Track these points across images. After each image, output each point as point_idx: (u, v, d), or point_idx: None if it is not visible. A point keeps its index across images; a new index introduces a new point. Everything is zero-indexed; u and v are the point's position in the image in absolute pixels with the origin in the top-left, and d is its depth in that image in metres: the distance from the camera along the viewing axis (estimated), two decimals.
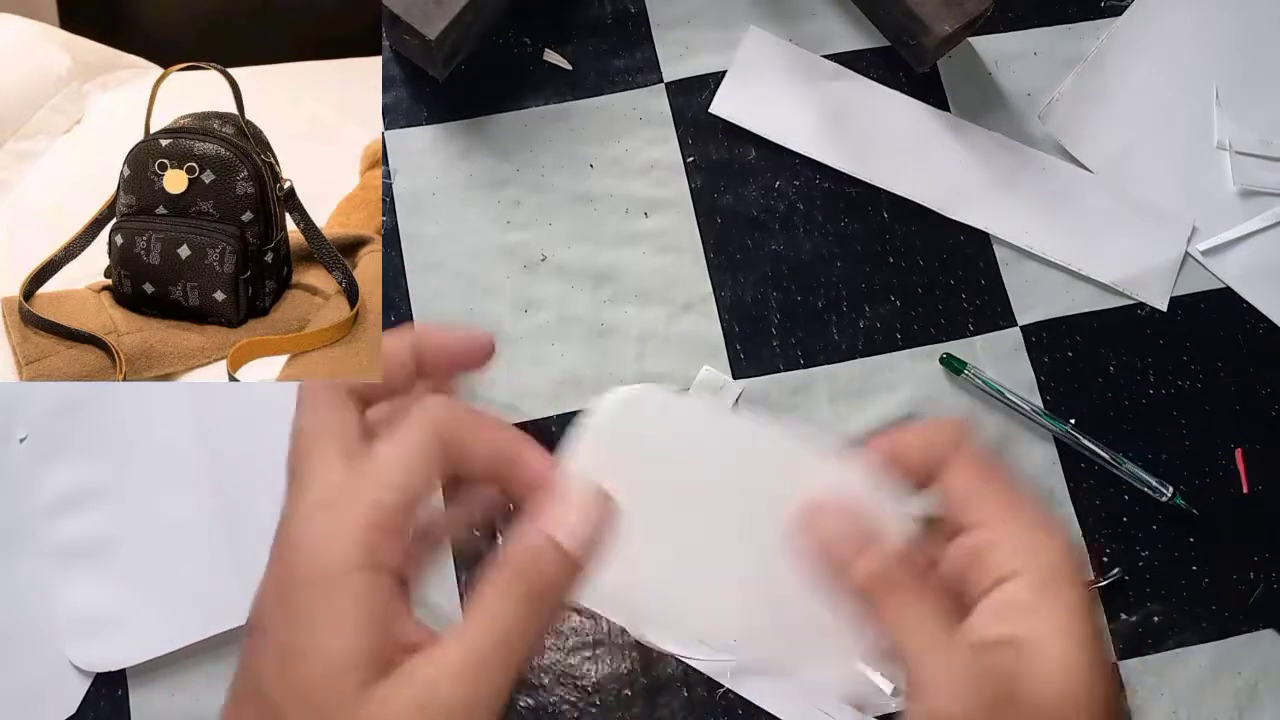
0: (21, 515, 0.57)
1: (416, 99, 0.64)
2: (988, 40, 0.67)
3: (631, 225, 0.63)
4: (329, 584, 0.28)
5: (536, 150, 0.64)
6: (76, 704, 0.54)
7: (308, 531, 0.30)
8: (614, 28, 0.66)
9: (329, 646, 0.28)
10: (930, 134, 0.65)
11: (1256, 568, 0.60)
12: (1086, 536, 0.59)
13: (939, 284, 0.63)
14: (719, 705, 0.56)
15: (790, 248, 0.63)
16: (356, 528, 0.29)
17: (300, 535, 0.30)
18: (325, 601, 0.28)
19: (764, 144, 0.64)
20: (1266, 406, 0.62)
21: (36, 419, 0.58)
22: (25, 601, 0.55)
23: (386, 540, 0.29)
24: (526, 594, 0.30)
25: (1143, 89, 0.66)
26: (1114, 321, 0.63)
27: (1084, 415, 0.61)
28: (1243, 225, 0.64)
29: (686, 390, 0.60)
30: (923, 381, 0.61)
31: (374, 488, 0.30)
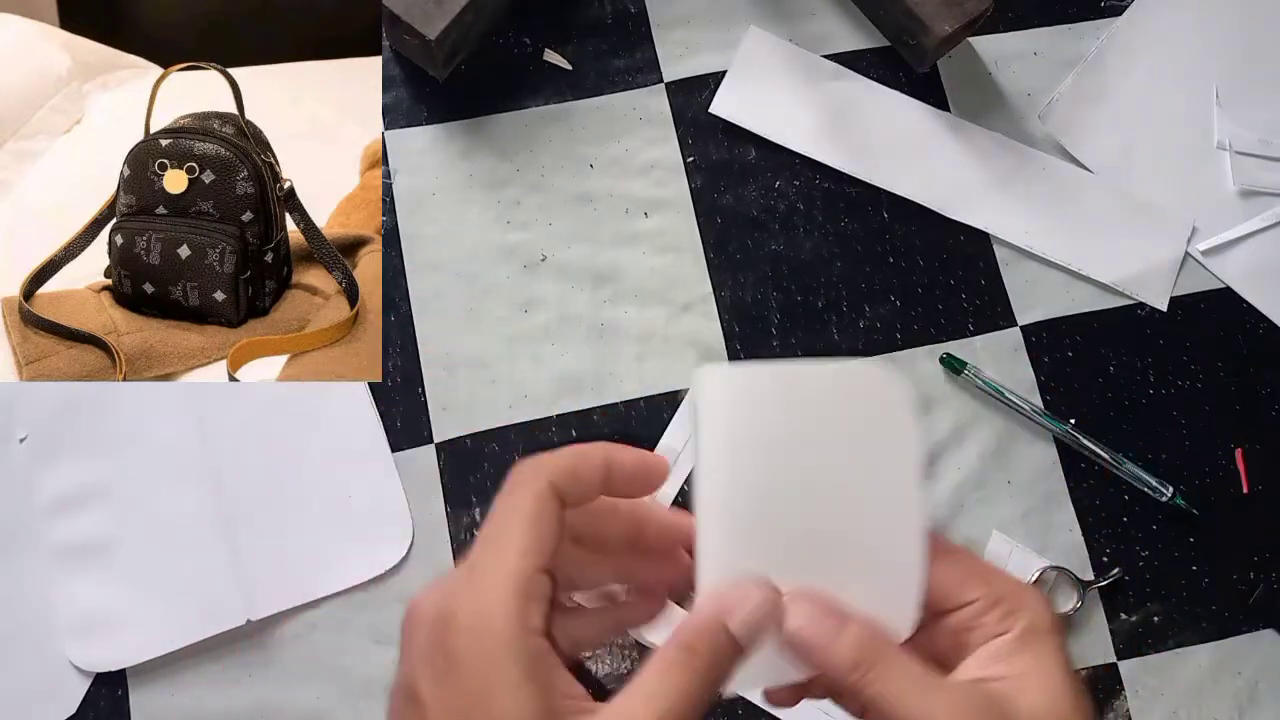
0: (21, 515, 0.57)
1: (416, 99, 0.64)
2: (988, 40, 0.67)
3: (631, 225, 0.63)
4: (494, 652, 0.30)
5: (536, 150, 0.64)
6: (76, 704, 0.54)
7: (464, 606, 0.31)
8: (614, 28, 0.66)
9: (504, 708, 0.29)
10: (930, 134, 0.65)
11: (1256, 568, 0.59)
12: (1086, 536, 0.59)
13: (939, 284, 0.63)
14: (719, 705, 0.56)
15: (790, 248, 0.63)
16: (508, 595, 0.30)
17: (458, 608, 0.31)
18: (495, 667, 0.29)
19: (764, 144, 0.64)
20: (1266, 406, 0.62)
21: (36, 419, 0.58)
22: (25, 601, 0.55)
23: (533, 605, 0.31)
24: (695, 672, 0.30)
25: (1143, 89, 0.66)
26: (1114, 321, 0.63)
27: (1084, 415, 0.61)
28: (1243, 225, 0.64)
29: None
30: (923, 381, 0.61)
31: (512, 557, 0.31)
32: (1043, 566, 0.58)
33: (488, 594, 0.30)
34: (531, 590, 0.30)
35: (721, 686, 0.32)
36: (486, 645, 0.30)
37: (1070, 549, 0.59)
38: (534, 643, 0.30)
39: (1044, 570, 0.58)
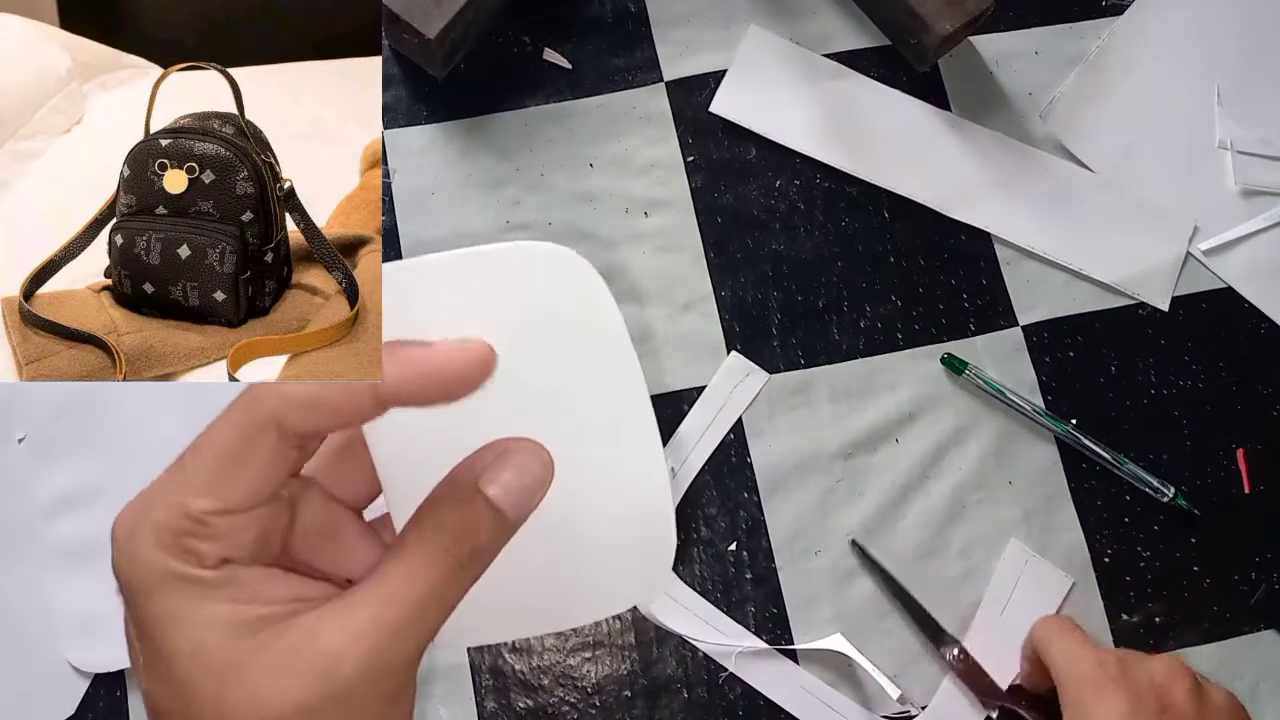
0: (21, 515, 0.57)
1: (416, 98, 0.64)
2: (989, 39, 0.66)
3: (631, 225, 0.63)
4: (149, 591, 0.27)
5: (536, 150, 0.64)
6: (75, 705, 0.54)
7: (121, 551, 0.27)
8: (614, 27, 0.66)
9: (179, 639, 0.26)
10: (931, 133, 0.64)
11: (1258, 568, 0.59)
12: (1088, 537, 0.59)
13: (940, 284, 0.63)
14: (719, 706, 0.56)
15: (791, 247, 0.63)
16: (153, 536, 0.27)
17: (118, 556, 0.28)
18: (160, 606, 0.27)
19: (764, 143, 0.64)
20: (1268, 406, 0.62)
21: (36, 419, 0.58)
22: (24, 602, 0.55)
23: (197, 542, 0.27)
24: (460, 555, 0.27)
25: (1144, 88, 0.66)
26: (1115, 321, 0.63)
27: (1085, 415, 0.61)
28: (1244, 225, 0.64)
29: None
30: (924, 381, 0.61)
31: (176, 491, 0.27)
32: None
33: (139, 521, 0.27)
34: (187, 528, 0.27)
35: (477, 576, 0.28)
36: (141, 577, 0.27)
37: (1071, 549, 0.59)
38: (195, 574, 0.26)
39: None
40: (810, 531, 0.58)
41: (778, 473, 0.59)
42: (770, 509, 0.59)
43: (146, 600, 0.27)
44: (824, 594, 0.58)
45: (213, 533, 0.27)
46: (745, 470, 0.59)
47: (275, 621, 0.27)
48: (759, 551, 0.58)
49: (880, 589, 0.58)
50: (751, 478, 0.59)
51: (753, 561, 0.58)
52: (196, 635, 0.26)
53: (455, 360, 0.28)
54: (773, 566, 0.58)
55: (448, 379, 0.28)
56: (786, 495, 0.59)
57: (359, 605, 0.27)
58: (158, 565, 0.26)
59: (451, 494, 0.28)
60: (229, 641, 0.26)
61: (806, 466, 0.59)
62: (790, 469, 0.59)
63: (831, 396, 0.60)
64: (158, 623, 0.27)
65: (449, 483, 0.28)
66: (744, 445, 0.59)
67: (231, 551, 0.27)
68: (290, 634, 0.26)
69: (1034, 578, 0.58)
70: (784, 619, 0.57)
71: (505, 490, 0.28)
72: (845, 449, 0.60)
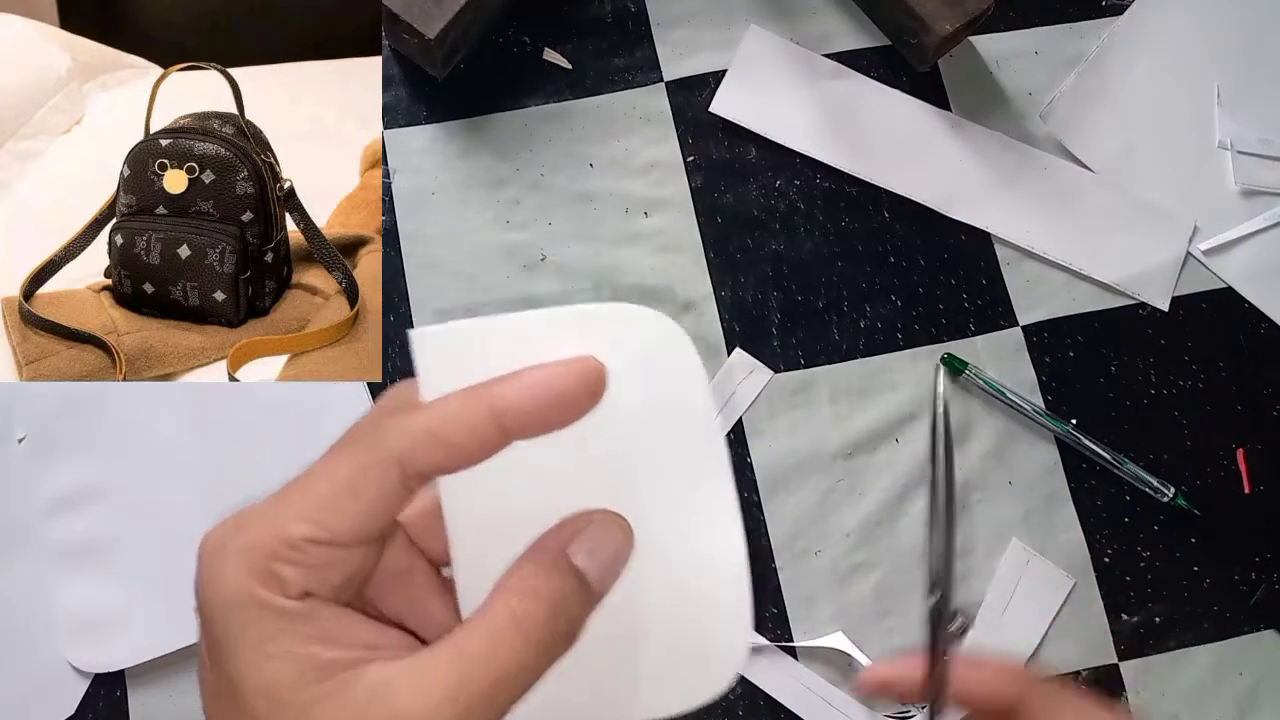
0: (21, 515, 0.57)
1: (416, 98, 0.64)
2: (989, 39, 0.66)
3: (631, 225, 0.63)
4: (225, 613, 0.26)
5: (536, 150, 0.64)
6: (75, 705, 0.54)
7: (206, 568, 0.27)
8: (614, 27, 0.66)
9: (246, 673, 0.26)
10: (931, 133, 0.64)
11: (1258, 568, 0.59)
12: (1088, 537, 0.59)
13: (940, 284, 0.63)
14: (720, 704, 0.56)
15: (791, 247, 0.63)
16: (242, 556, 0.26)
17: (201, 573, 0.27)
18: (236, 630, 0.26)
19: (764, 143, 0.64)
20: (1268, 406, 0.62)
21: (36, 419, 0.58)
22: (24, 602, 0.55)
23: (286, 568, 0.26)
24: (554, 629, 0.27)
25: (1144, 88, 0.66)
26: (1115, 321, 0.63)
27: (1085, 415, 0.61)
28: (1244, 225, 0.64)
29: None
30: (923, 381, 0.61)
31: (284, 522, 0.26)
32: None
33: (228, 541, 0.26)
34: (280, 552, 0.26)
35: (564, 653, 0.27)
36: (221, 598, 0.26)
37: (1071, 549, 0.59)
38: (277, 603, 0.26)
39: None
40: (810, 531, 0.58)
41: (778, 472, 0.59)
42: (770, 509, 0.59)
43: (222, 622, 0.26)
44: (824, 594, 0.58)
45: (305, 560, 0.26)
46: (745, 470, 0.59)
47: (346, 667, 0.26)
48: (759, 551, 0.58)
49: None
50: (752, 477, 0.59)
51: (753, 561, 0.58)
52: (269, 671, 0.26)
53: (573, 378, 0.27)
54: (773, 566, 0.58)
55: (567, 398, 0.27)
56: (786, 495, 0.59)
57: (441, 670, 0.26)
58: (240, 587, 0.26)
59: (542, 562, 0.27)
60: (300, 684, 0.25)
61: (806, 466, 0.59)
62: (790, 469, 0.59)
63: (831, 396, 0.60)
64: (229, 648, 0.26)
65: (538, 550, 0.28)
66: (744, 445, 0.59)
67: (316, 586, 0.27)
68: (361, 684, 0.26)
69: (1036, 578, 0.58)
70: (784, 619, 0.57)
71: (594, 561, 0.27)
72: (845, 449, 0.60)
